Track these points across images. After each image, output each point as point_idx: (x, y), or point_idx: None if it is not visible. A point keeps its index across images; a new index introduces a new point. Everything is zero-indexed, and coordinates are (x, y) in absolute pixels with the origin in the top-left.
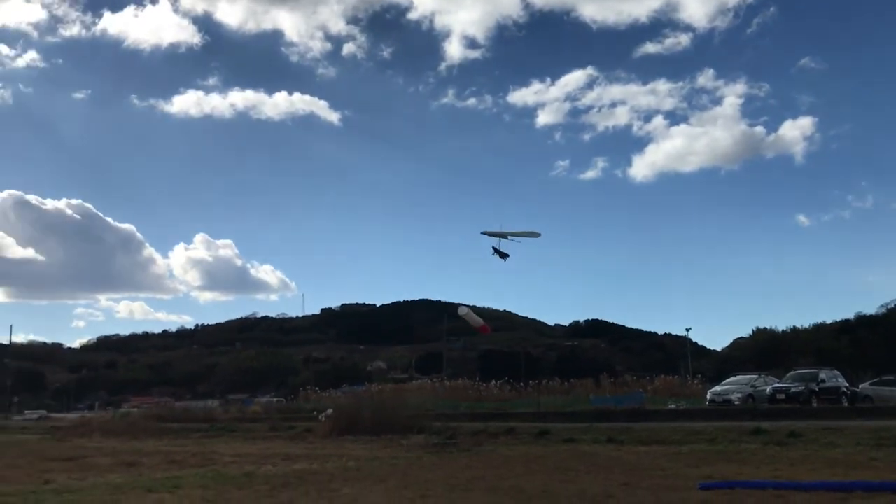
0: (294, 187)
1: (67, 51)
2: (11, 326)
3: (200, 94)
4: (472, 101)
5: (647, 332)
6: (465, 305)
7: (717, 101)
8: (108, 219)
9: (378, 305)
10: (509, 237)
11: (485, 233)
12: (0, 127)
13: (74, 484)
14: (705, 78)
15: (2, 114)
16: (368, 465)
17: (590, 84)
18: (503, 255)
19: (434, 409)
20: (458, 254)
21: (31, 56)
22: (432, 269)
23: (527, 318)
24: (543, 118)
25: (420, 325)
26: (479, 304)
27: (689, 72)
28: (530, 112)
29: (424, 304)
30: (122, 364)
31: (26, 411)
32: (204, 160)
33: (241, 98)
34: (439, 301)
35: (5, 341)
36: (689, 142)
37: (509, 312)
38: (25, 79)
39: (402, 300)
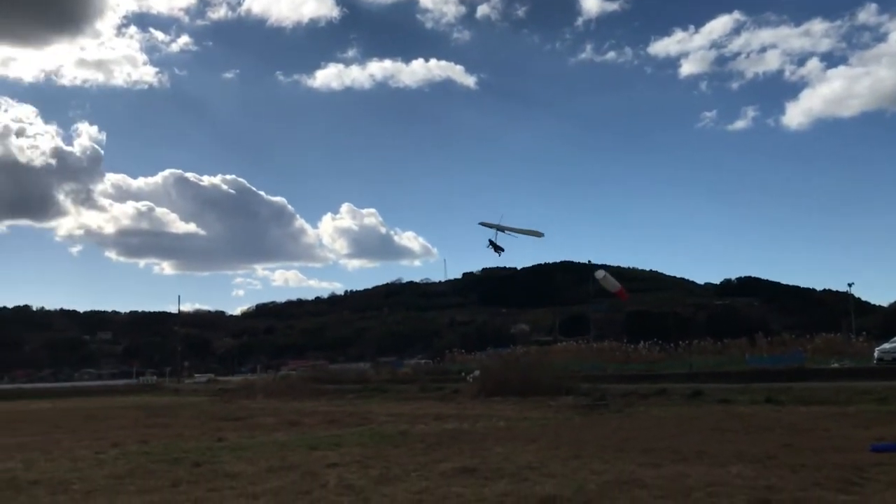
0: (433, 153)
1: (216, 33)
2: (179, 297)
3: (341, 66)
4: (610, 55)
5: (804, 289)
6: (602, 269)
7: (881, 38)
8: (261, 193)
9: (519, 269)
10: (507, 231)
11: (482, 224)
12: (159, 110)
13: (244, 441)
14: (867, 13)
15: (160, 97)
16: (518, 425)
17: (736, 29)
18: (498, 249)
19: (581, 370)
20: (599, 214)
21: (183, 40)
22: (574, 230)
23: (675, 277)
24: (687, 68)
25: (562, 287)
26: (624, 265)
27: (847, 8)
28: (673, 63)
29: (566, 265)
30: (279, 329)
31: (196, 375)
32: (346, 131)
33: (379, 68)
34: (584, 262)
35: (174, 310)
36: (850, 84)
37: (656, 272)
38: (179, 62)
39: (543, 262)
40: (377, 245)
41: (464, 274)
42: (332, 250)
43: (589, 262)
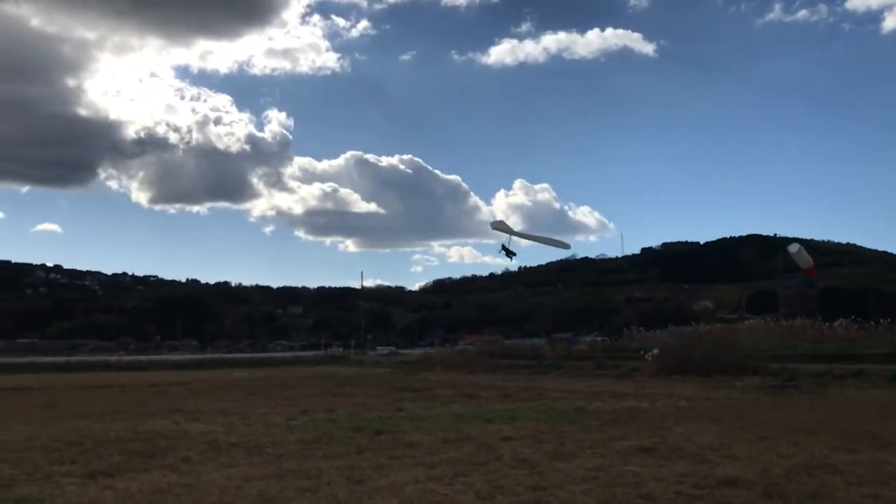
0: (608, 126)
1: (393, 16)
2: (362, 273)
3: (514, 42)
4: (802, 13)
5: None
6: (796, 242)
7: None
8: (437, 171)
9: (702, 243)
10: (523, 237)
11: (495, 227)
12: (341, 94)
13: (423, 412)
14: None
15: (342, 82)
16: (700, 405)
17: None
18: (510, 254)
19: (769, 349)
20: (791, 185)
21: (363, 25)
22: (762, 202)
23: (876, 250)
24: (892, 21)
25: (749, 262)
26: (818, 238)
27: None
28: (874, 17)
29: (753, 239)
30: (455, 304)
31: (378, 347)
32: (520, 107)
33: (553, 41)
34: (772, 235)
35: (358, 286)
36: None
37: (855, 245)
38: (359, 47)
39: (728, 236)
40: (551, 220)
41: (642, 249)
42: None
43: (775, 234)
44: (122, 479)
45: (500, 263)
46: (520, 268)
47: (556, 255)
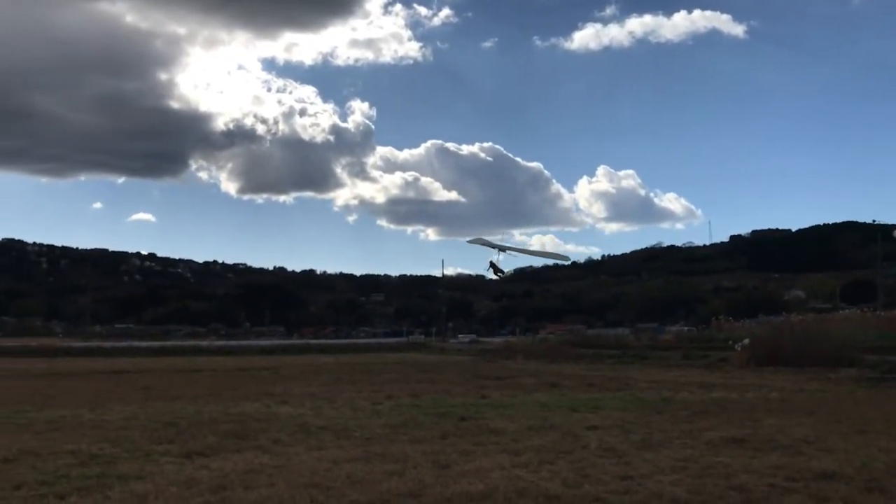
0: (696, 110)
1: (475, 3)
2: (443, 261)
3: (598, 26)
4: None
5: None
6: None
7: None
8: (518, 159)
9: (794, 230)
10: (511, 252)
11: (478, 242)
12: (422, 83)
13: (507, 400)
14: None
15: (424, 71)
16: (793, 396)
17: None
18: (498, 272)
19: (865, 340)
20: (886, 168)
21: (444, 13)
22: (859, 187)
23: None
24: None
25: (844, 250)
26: None
27: None
28: None
29: (849, 226)
30: (537, 293)
31: (459, 335)
32: (604, 92)
33: (638, 24)
34: (871, 222)
35: (439, 274)
36: None
37: None
38: (441, 36)
39: (822, 223)
40: (636, 208)
41: (731, 237)
42: (589, 214)
43: (874, 221)
44: (217, 458)
45: (583, 252)
46: (603, 256)
47: (640, 242)
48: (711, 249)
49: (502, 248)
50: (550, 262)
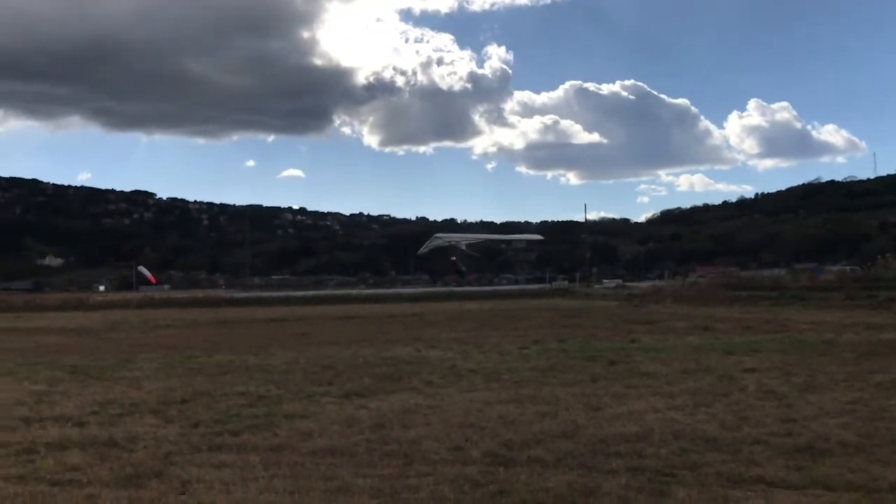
0: (855, 34)
1: None
2: (585, 205)
3: None
4: None
5: None
6: None
7: None
8: (662, 96)
9: None
10: (467, 248)
11: (436, 240)
12: (560, 23)
13: (657, 343)
14: None
15: (561, 10)
16: None
17: None
18: (461, 273)
19: None
20: None
21: None
22: None
23: None
24: None
25: None
26: None
27: None
28: None
29: None
30: (685, 235)
31: (604, 280)
32: (753, 20)
33: None
34: None
35: (581, 219)
36: None
37: None
38: None
39: None
40: (791, 142)
41: None
42: (741, 151)
43: None
44: (374, 399)
45: (734, 190)
46: (756, 195)
47: (797, 178)
48: (876, 183)
49: (455, 245)
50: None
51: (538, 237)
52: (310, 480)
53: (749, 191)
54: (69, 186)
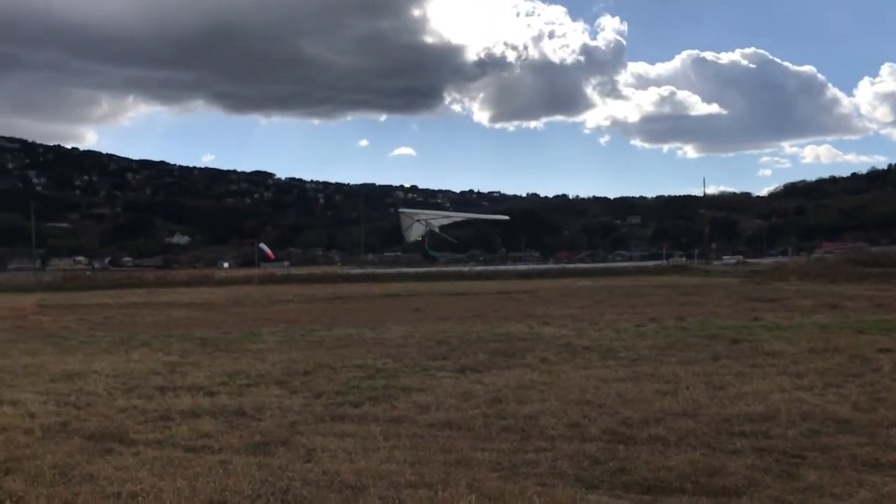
0: None
1: None
2: (704, 179)
3: None
4: None
5: None
6: None
7: None
8: (786, 63)
9: None
10: (435, 228)
11: (402, 213)
12: None
13: (781, 321)
14: None
15: None
16: None
17: None
18: (430, 257)
19: None
20: None
21: None
22: None
23: None
24: None
25: None
26: None
27: None
28: None
29: None
30: (810, 209)
31: (724, 256)
32: None
33: None
34: None
35: (699, 193)
36: None
37: None
38: None
39: None
40: None
41: None
42: (872, 119)
43: None
44: (489, 374)
45: (865, 161)
46: (890, 165)
47: None
48: None
49: (425, 222)
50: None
51: (504, 217)
52: (429, 452)
53: (882, 162)
54: (194, 168)
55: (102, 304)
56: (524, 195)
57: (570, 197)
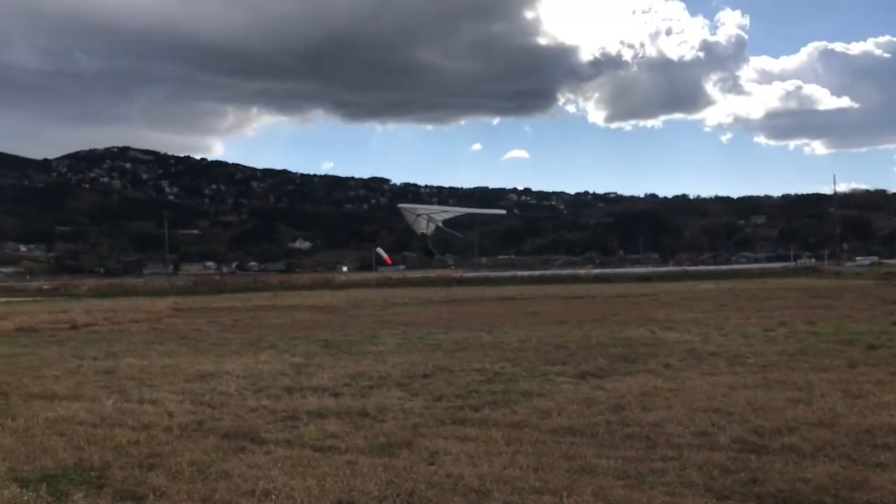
0: None
1: None
2: (834, 176)
3: None
4: None
5: None
6: None
7: None
8: None
9: None
10: (438, 223)
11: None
12: None
13: None
14: None
15: None
16: None
17: None
18: (430, 253)
19: None
20: None
21: None
22: None
23: None
24: None
25: None
26: None
27: None
28: None
29: None
30: None
31: (857, 258)
32: None
33: None
34: None
35: (829, 191)
36: None
37: None
38: None
39: None
40: None
41: None
42: None
43: None
44: (610, 380)
45: None
46: None
47: None
48: None
49: (427, 218)
50: None
51: (502, 212)
52: (552, 458)
53: None
54: (314, 175)
55: (231, 308)
56: (642, 196)
57: (691, 197)
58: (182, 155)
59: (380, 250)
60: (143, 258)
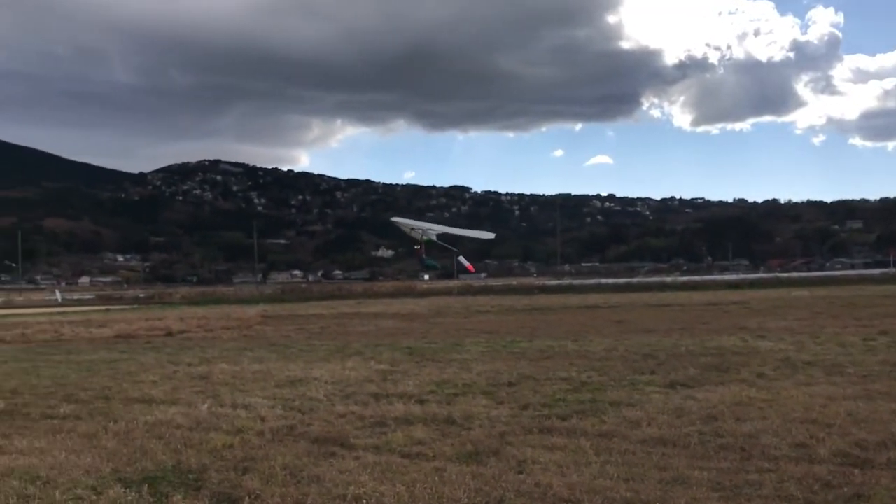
0: None
1: None
2: None
3: None
4: None
5: None
6: None
7: None
8: None
9: None
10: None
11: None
12: None
13: None
14: None
15: None
16: None
17: None
18: (428, 267)
19: None
20: None
21: None
22: None
23: None
24: None
25: None
26: None
27: None
28: None
29: None
30: None
31: None
32: None
33: None
34: None
35: None
36: None
37: None
38: None
39: None
40: None
41: None
42: None
43: None
44: (701, 390)
45: None
46: None
47: None
48: None
49: (421, 232)
50: None
51: (490, 235)
52: (643, 469)
53: None
54: (396, 185)
55: (318, 315)
56: (730, 200)
57: (782, 201)
58: (270, 167)
59: (462, 258)
60: (233, 267)
